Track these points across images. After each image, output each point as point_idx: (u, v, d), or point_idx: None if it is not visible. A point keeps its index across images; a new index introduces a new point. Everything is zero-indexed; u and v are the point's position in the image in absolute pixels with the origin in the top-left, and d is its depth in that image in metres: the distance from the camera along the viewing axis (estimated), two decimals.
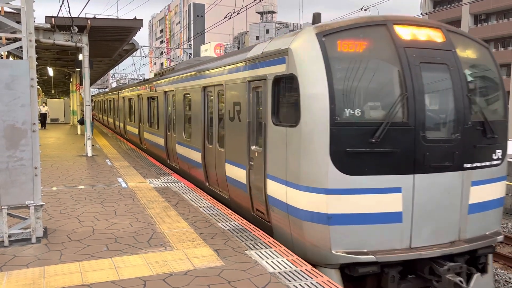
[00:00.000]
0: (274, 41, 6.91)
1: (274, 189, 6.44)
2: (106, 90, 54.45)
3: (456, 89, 5.95)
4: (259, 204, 7.18)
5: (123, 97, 23.76)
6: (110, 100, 30.87)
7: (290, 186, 6.03)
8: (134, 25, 15.91)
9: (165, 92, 13.46)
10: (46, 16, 14.47)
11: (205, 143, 9.82)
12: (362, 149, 5.52)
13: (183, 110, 11.53)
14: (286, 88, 6.25)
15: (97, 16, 16.06)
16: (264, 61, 6.76)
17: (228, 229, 6.75)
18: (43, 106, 32.84)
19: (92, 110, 21.38)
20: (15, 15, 8.65)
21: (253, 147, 7.26)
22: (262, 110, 6.84)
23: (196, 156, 10.39)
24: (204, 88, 9.82)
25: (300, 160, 5.74)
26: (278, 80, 6.36)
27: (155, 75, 18.32)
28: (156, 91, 14.82)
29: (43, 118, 30.97)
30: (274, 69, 6.38)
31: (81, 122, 22.37)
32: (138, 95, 18.56)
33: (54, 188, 9.88)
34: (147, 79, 19.13)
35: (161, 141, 14.10)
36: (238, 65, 7.86)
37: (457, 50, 6.18)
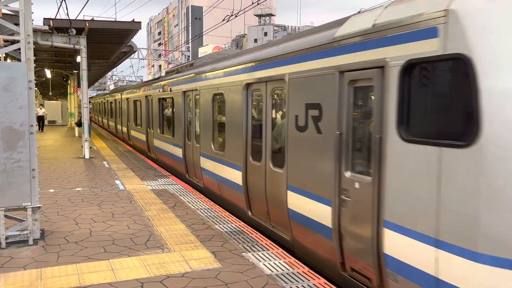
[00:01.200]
0: (397, 5, 4.43)
1: (405, 249, 4.06)
2: (106, 91, 54.16)
3: None
4: (361, 264, 4.77)
5: (127, 99, 21.58)
6: (111, 102, 28.76)
7: (449, 250, 3.60)
8: (132, 27, 15.92)
9: (184, 92, 11.36)
10: (44, 18, 14.48)
11: (248, 159, 7.52)
12: None
13: (212, 114, 9.31)
14: (436, 78, 4.00)
15: (95, 18, 16.07)
16: (381, 39, 4.40)
17: (225, 231, 6.76)
18: (40, 108, 32.57)
19: (90, 113, 21.24)
20: (13, 17, 8.67)
21: (348, 174, 4.89)
22: (375, 115, 4.43)
23: (234, 176, 8.03)
24: (249, 85, 7.50)
25: (480, 208, 3.35)
26: (414, 66, 4.07)
27: (166, 73, 15.97)
28: (171, 91, 12.67)
29: (40, 120, 30.90)
30: (406, 49, 4.11)
31: (79, 124, 22.34)
32: (146, 96, 16.43)
33: (51, 190, 9.87)
34: (157, 78, 16.84)
35: (177, 152, 12.01)
36: (317, 48, 5.41)
37: None
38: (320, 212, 5.35)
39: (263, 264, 5.39)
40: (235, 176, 7.98)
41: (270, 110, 6.86)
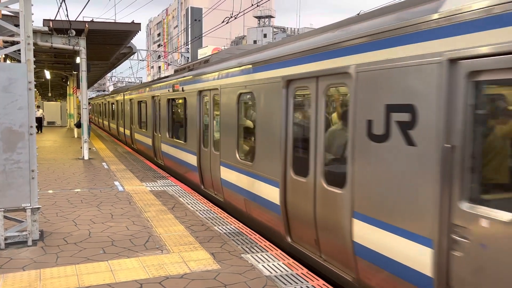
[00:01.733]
0: None
1: None
2: (106, 92, 53.93)
3: None
4: None
5: (131, 100, 20.10)
6: (113, 103, 27.28)
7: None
8: (132, 28, 15.94)
9: (200, 92, 9.98)
10: (44, 19, 14.50)
11: (289, 173, 6.11)
12: None
13: (236, 117, 7.82)
14: None
15: (95, 20, 16.08)
16: None
17: (224, 233, 6.77)
18: (37, 110, 32.22)
19: (89, 114, 21.09)
20: (13, 18, 8.69)
21: (465, 206, 3.48)
22: None
23: (267, 192, 6.64)
24: (290, 82, 6.00)
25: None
26: None
27: (176, 71, 14.44)
28: (183, 90, 11.25)
29: (38, 122, 30.83)
30: None
31: (78, 125, 22.33)
32: (153, 97, 15.11)
33: (50, 191, 9.87)
34: (166, 77, 15.02)
35: (190, 159, 10.61)
36: (412, 29, 3.93)
37: None
38: (412, 253, 3.93)
39: (262, 265, 5.40)
40: (269, 192, 6.58)
41: (323, 113, 5.38)
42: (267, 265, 5.41)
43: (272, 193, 6.46)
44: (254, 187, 7.05)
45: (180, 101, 11.92)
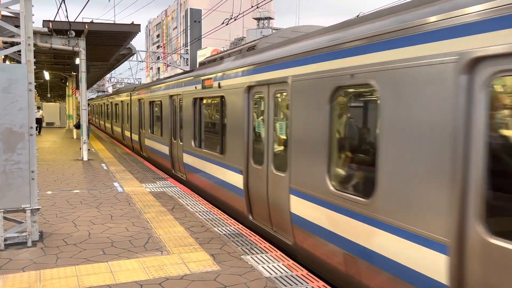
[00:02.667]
0: None
1: None
2: (107, 92, 53.66)
3: None
4: None
5: (139, 100, 17.72)
6: (117, 104, 24.91)
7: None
8: (132, 29, 15.96)
9: (251, 88, 7.44)
10: (43, 20, 14.51)
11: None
12: None
13: (329, 122, 5.28)
14: None
15: (94, 21, 16.10)
16: None
17: (224, 234, 6.77)
18: (37, 111, 32.18)
19: (89, 115, 20.84)
20: (13, 19, 8.69)
21: None
22: None
23: (344, 230, 4.97)
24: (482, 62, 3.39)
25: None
26: None
27: (201, 64, 12.00)
28: (219, 87, 8.73)
29: (37, 123, 30.77)
30: None
31: (77, 126, 22.32)
32: (171, 96, 12.72)
33: (50, 192, 9.87)
34: (189, 71, 12.20)
35: (233, 179, 8.09)
36: None
37: None
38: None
39: (262, 266, 5.40)
40: (349, 233, 4.86)
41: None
42: (267, 266, 5.41)
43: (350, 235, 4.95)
44: (340, 229, 5.06)
45: (215, 100, 9.48)
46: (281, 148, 6.59)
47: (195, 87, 10.36)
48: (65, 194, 9.66)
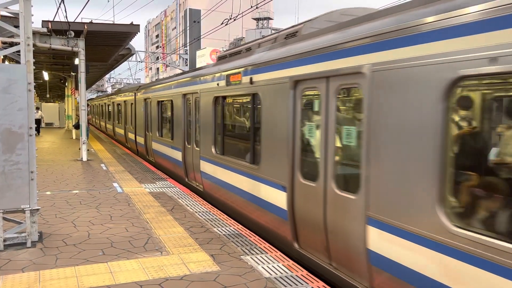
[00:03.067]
0: None
1: None
2: (108, 92, 53.41)
3: None
4: None
5: (146, 100, 16.19)
6: (119, 104, 23.67)
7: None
8: (131, 30, 15.95)
9: (298, 83, 5.97)
10: (42, 21, 14.49)
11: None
12: None
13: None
14: None
15: (93, 21, 16.09)
16: None
17: (224, 234, 6.76)
18: (36, 112, 31.87)
19: (88, 115, 20.69)
20: (13, 19, 8.68)
21: None
22: None
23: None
24: None
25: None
26: None
27: (219, 58, 10.15)
28: (251, 83, 7.21)
29: (36, 124, 30.65)
30: None
31: (77, 126, 22.28)
32: (184, 95, 11.19)
33: (49, 193, 9.85)
34: (206, 66, 10.63)
35: (274, 197, 6.56)
36: None
37: None
38: (275, 195, 6.60)
39: (262, 267, 5.39)
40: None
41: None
42: (267, 267, 5.41)
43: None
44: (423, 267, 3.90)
45: (244, 99, 8.06)
46: (349, 160, 5.13)
47: (217, 84, 8.84)
48: (65, 195, 9.65)
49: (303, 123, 5.93)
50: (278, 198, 6.42)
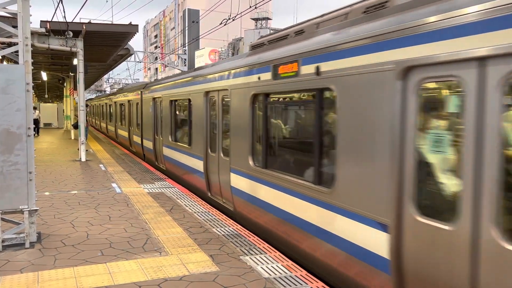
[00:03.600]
0: None
1: None
2: (108, 92, 53.14)
3: None
4: None
5: (155, 99, 14.51)
6: (122, 104, 22.13)
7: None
8: (130, 30, 15.93)
9: (410, 69, 4.04)
10: (41, 21, 14.47)
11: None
12: None
13: None
14: None
15: (92, 21, 16.07)
16: None
17: (223, 235, 6.75)
18: (34, 112, 31.36)
19: (87, 116, 20.58)
20: (11, 20, 8.66)
21: None
22: None
23: None
24: None
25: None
26: None
27: (253, 47, 8.31)
28: (317, 74, 5.42)
29: (34, 124, 30.45)
30: None
31: (76, 126, 22.23)
32: (207, 93, 9.52)
33: (47, 193, 9.83)
34: (236, 57, 8.76)
35: (363, 239, 4.59)
36: None
37: None
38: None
39: (261, 267, 5.39)
40: None
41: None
42: (266, 267, 5.40)
43: None
44: None
45: (302, 96, 6.13)
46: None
47: (258, 78, 6.98)
48: (63, 195, 9.63)
49: (423, 130, 3.99)
50: (371, 239, 4.46)
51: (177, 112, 12.13)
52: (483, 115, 3.37)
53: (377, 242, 4.37)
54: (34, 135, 29.68)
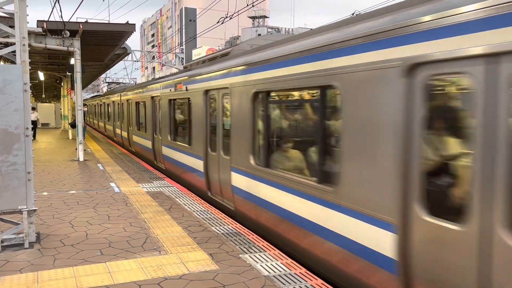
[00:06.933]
0: None
1: None
2: (110, 90, 52.58)
3: None
4: None
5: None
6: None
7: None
8: (126, 29, 15.90)
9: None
10: (38, 20, 14.43)
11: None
12: None
13: None
14: None
15: (89, 20, 16.03)
16: None
17: (222, 233, 6.76)
18: (32, 112, 29.95)
19: (85, 116, 20.46)
20: (8, 20, 8.64)
21: None
22: None
23: None
24: None
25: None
26: None
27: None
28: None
29: (32, 125, 29.66)
30: None
31: (73, 125, 22.17)
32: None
33: (46, 193, 9.82)
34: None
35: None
36: None
37: None
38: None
39: (261, 265, 5.40)
40: None
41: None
42: (266, 265, 5.41)
43: None
44: None
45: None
46: None
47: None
48: (62, 195, 9.62)
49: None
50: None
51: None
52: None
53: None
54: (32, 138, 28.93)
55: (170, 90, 12.34)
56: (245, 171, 7.38)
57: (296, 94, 6.33)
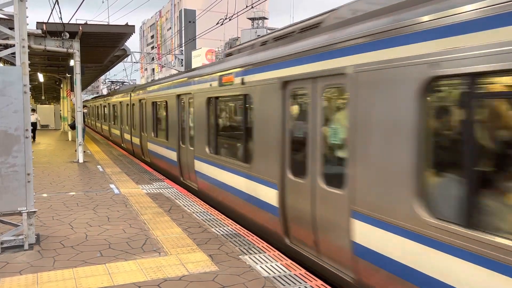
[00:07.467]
0: None
1: None
2: (110, 90, 52.35)
3: None
4: None
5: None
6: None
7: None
8: (126, 31, 15.92)
9: None
10: (37, 22, 14.44)
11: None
12: None
13: None
14: None
15: (88, 22, 16.05)
16: None
17: (222, 234, 6.77)
18: (32, 114, 29.46)
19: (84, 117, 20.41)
20: (7, 21, 8.65)
21: None
22: None
23: None
24: None
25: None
26: None
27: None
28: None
29: (32, 127, 29.39)
30: None
31: (73, 126, 22.17)
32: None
33: (45, 195, 9.82)
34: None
35: None
36: None
37: None
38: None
39: (260, 266, 5.40)
40: None
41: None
42: (265, 266, 5.42)
43: None
44: None
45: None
46: None
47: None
48: (61, 197, 9.62)
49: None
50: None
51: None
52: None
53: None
54: (32, 141, 28.85)
55: (211, 85, 9.15)
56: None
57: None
